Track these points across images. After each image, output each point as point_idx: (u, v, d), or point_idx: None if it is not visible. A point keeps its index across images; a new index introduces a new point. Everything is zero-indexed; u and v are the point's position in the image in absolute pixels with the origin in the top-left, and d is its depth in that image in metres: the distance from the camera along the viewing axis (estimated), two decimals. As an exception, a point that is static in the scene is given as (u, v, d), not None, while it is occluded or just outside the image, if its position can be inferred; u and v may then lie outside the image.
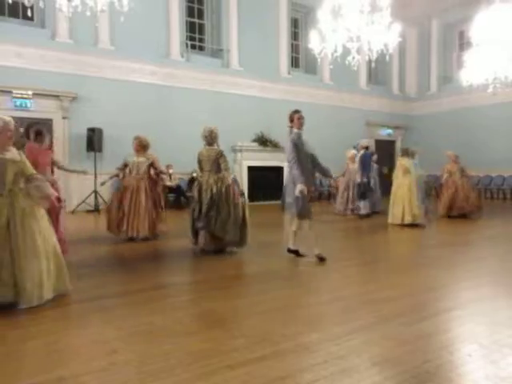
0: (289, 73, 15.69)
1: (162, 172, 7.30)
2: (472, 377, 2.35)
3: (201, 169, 6.00)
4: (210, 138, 5.96)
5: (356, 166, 10.33)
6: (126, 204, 6.78)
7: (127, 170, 7.07)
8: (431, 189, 11.23)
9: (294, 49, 16.47)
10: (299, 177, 4.86)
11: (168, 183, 8.02)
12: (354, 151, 10.86)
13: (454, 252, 6.04)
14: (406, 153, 9.15)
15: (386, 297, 3.75)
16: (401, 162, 9.09)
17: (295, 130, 5.18)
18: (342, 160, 11.05)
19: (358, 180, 10.13)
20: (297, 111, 5.23)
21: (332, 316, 3.32)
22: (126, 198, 6.81)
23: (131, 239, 6.71)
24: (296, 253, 5.41)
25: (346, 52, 9.17)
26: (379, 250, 6.35)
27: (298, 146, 5.08)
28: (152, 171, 7.14)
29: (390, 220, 8.80)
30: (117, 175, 7.31)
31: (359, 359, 2.53)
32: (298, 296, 3.83)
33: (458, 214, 9.66)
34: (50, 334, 2.96)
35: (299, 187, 4.88)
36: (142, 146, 7.05)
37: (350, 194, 10.52)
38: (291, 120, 5.22)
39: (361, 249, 6.73)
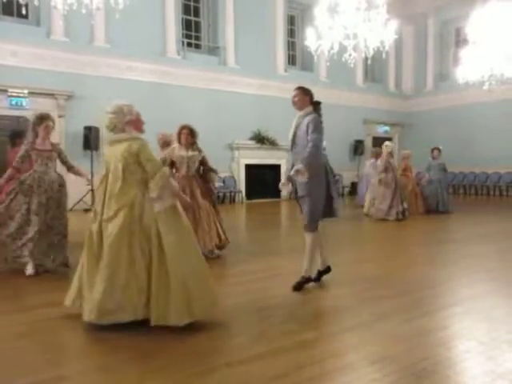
0: (285, 70, 15.67)
1: (212, 170, 5.76)
2: (470, 373, 2.35)
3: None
4: None
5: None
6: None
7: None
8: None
9: (291, 46, 16.45)
10: None
11: (217, 184, 6.10)
12: (390, 143, 9.81)
13: (448, 249, 6.05)
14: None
15: (383, 294, 3.75)
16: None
17: None
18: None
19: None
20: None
21: (329, 314, 3.32)
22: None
23: None
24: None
25: (343, 49, 9.16)
26: (375, 248, 6.35)
27: None
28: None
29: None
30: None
31: (357, 357, 2.53)
32: (295, 294, 3.82)
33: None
34: (49, 333, 2.94)
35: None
36: (193, 137, 5.59)
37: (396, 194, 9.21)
38: None
39: (356, 246, 6.73)
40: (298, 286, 3.94)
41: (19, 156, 4.68)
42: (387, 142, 9.81)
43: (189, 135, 5.51)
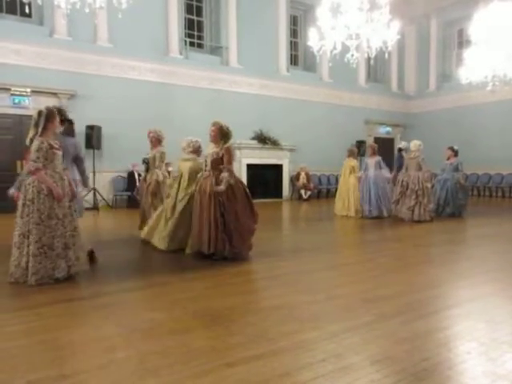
0: (288, 70, 15.67)
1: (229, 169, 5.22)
2: (470, 374, 2.35)
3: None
4: None
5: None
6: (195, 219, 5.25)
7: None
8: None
9: (293, 46, 16.46)
10: None
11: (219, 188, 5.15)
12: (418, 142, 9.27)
13: (448, 250, 6.03)
14: (352, 153, 10.27)
15: (383, 295, 3.75)
16: (348, 162, 10.14)
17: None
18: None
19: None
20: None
21: (330, 314, 3.32)
22: (198, 207, 5.19)
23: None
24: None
25: (345, 50, 9.15)
26: (375, 249, 6.34)
27: None
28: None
29: (336, 211, 10.15)
30: None
31: (357, 357, 2.52)
32: (296, 294, 3.82)
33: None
34: (50, 331, 2.95)
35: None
36: (218, 134, 5.24)
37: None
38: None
39: (357, 247, 6.74)
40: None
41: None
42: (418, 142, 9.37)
43: (214, 132, 5.24)
